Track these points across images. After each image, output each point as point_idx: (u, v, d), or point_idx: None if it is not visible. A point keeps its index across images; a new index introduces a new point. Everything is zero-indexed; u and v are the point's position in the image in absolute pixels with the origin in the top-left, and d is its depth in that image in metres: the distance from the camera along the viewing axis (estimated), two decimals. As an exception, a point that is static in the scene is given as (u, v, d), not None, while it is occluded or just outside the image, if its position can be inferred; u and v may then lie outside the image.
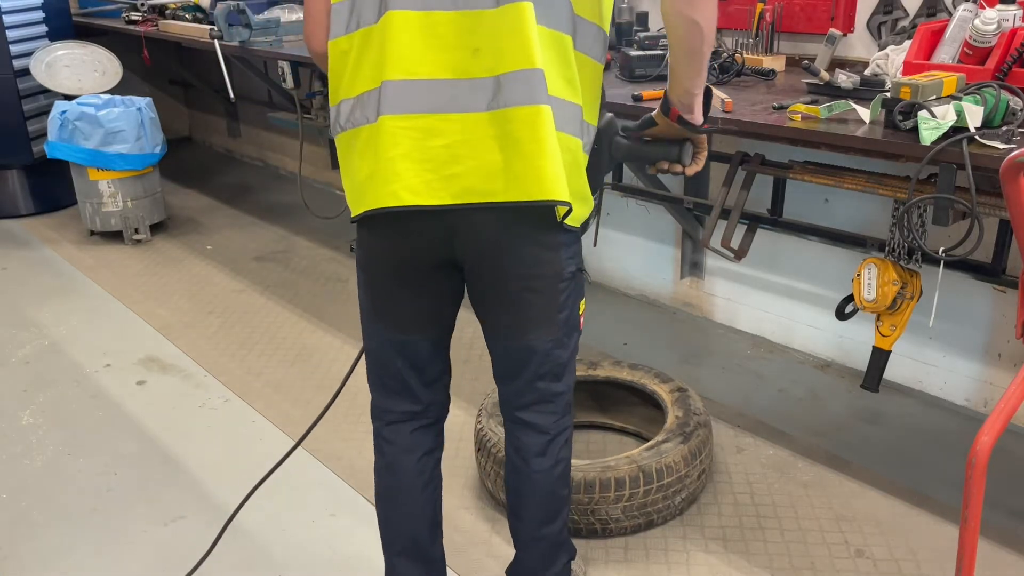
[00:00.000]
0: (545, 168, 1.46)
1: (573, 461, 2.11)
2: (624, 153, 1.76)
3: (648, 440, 2.60)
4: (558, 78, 1.50)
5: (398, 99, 1.48)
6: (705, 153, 1.78)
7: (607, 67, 2.92)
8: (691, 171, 1.76)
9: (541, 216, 1.55)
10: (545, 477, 1.80)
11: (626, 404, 2.73)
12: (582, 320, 1.76)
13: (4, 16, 4.65)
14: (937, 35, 2.26)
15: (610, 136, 1.75)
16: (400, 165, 1.48)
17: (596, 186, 1.73)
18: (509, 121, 1.46)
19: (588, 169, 1.64)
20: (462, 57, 1.47)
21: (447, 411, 1.92)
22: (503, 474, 1.97)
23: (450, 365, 1.87)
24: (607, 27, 1.61)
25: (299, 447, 2.17)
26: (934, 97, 1.94)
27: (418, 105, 1.48)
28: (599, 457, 2.29)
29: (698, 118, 1.68)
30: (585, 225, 1.68)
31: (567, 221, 1.57)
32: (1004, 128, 1.85)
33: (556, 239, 1.59)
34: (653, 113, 1.70)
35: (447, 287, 1.71)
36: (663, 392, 2.56)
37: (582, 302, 1.74)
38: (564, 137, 1.51)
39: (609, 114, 1.77)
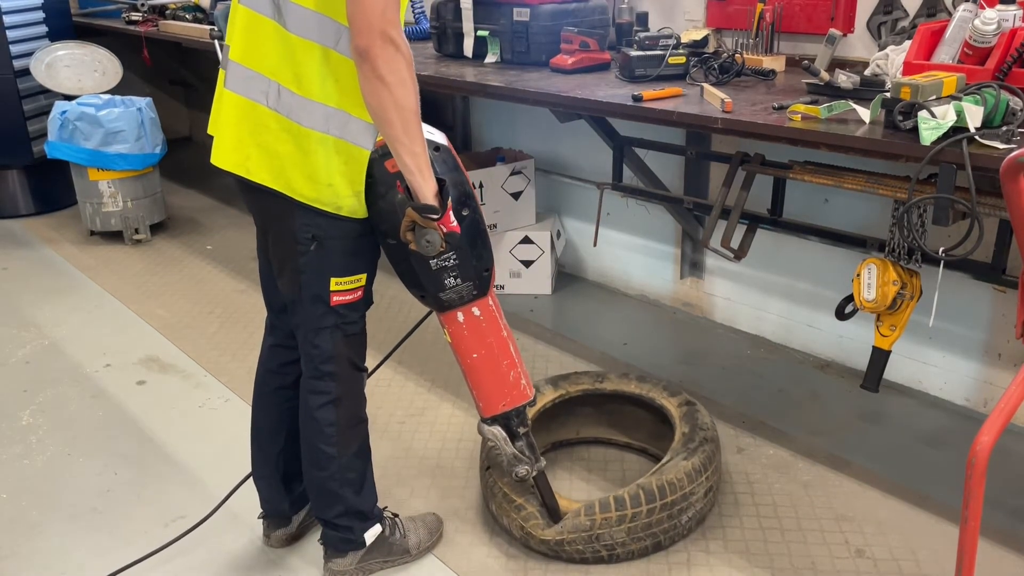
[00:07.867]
0: (229, 143, 1.82)
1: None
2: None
3: (655, 456, 2.55)
4: (309, 78, 1.68)
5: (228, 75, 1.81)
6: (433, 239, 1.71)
7: (607, 67, 2.96)
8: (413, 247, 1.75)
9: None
10: (306, 421, 1.99)
11: (633, 418, 2.64)
12: (333, 298, 1.85)
13: (4, 16, 4.65)
14: (937, 35, 2.26)
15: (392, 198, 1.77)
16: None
17: (379, 214, 1.78)
18: (225, 100, 1.80)
19: (374, 195, 1.76)
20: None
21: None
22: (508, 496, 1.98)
23: None
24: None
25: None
26: (934, 97, 1.94)
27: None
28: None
29: (424, 198, 1.64)
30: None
31: (294, 197, 1.75)
32: (1004, 128, 1.85)
33: (288, 202, 1.76)
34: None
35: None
36: (671, 406, 2.46)
37: (333, 280, 1.84)
38: (294, 127, 1.70)
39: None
